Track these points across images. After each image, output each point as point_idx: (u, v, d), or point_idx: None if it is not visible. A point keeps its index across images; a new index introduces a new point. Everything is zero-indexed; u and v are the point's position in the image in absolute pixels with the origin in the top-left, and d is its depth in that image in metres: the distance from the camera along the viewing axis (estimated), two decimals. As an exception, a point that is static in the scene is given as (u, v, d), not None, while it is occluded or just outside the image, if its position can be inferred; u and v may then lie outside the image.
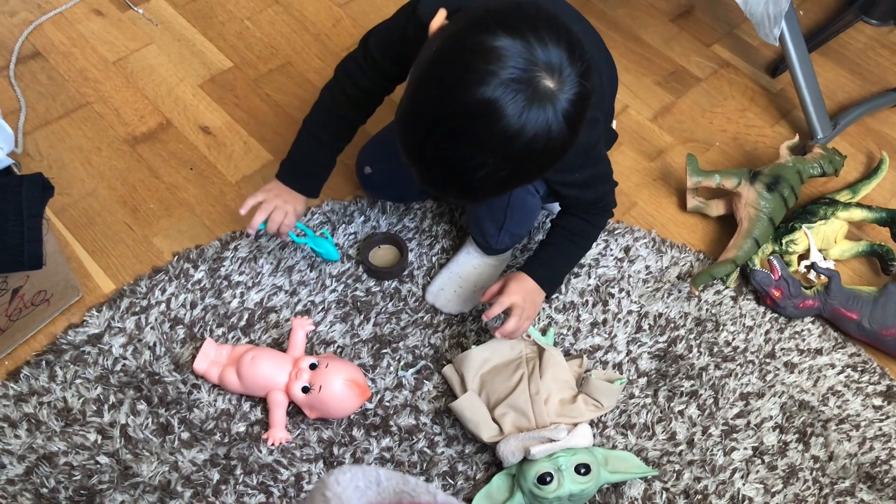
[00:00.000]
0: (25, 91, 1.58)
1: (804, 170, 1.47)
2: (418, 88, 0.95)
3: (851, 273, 1.46)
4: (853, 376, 1.33)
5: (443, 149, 0.93)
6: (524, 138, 0.90)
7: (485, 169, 0.92)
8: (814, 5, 1.89)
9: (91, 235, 1.40)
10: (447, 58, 0.92)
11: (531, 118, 0.89)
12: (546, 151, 0.93)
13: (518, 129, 0.89)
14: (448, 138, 0.92)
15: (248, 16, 1.75)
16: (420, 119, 0.94)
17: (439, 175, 0.97)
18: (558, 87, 0.90)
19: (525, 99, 0.88)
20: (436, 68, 0.93)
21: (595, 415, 1.22)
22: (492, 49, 0.88)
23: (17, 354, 1.26)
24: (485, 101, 0.88)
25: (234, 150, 1.53)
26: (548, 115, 0.90)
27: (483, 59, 0.88)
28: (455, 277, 1.35)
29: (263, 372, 1.20)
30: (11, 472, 1.14)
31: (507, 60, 0.88)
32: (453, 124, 0.91)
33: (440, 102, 0.91)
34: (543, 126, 0.90)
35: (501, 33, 0.88)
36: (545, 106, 0.89)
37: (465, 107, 0.89)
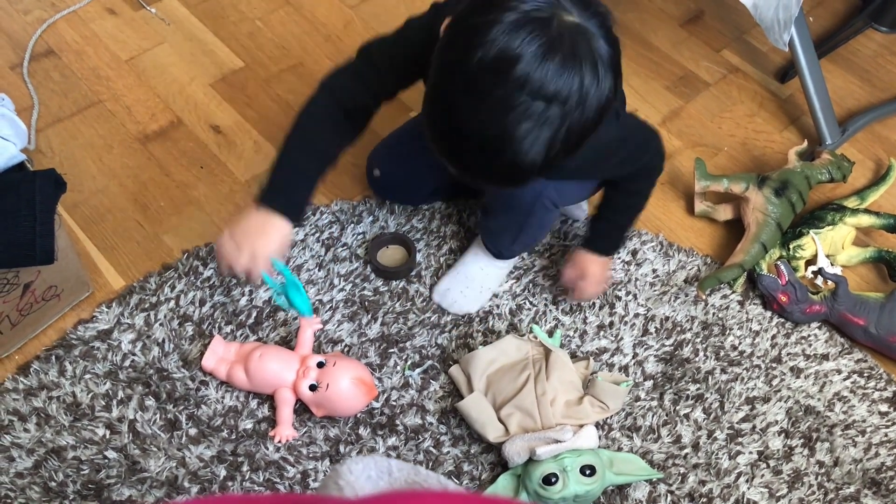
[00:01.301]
0: (38, 88, 1.59)
1: (812, 175, 1.47)
2: (438, 73, 0.91)
3: (858, 279, 1.46)
4: (859, 382, 1.33)
5: (473, 116, 0.88)
6: (556, 82, 0.85)
7: (529, 122, 0.86)
8: (824, 11, 1.90)
9: (102, 232, 1.41)
10: (461, 22, 0.90)
11: (557, 60, 0.85)
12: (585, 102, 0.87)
13: (544, 73, 0.84)
14: (475, 98, 0.87)
15: (260, 16, 1.76)
16: (444, 88, 0.90)
17: (479, 153, 0.90)
18: (581, 19, 0.86)
19: (548, 38, 0.84)
20: (450, 35, 0.91)
21: (601, 417, 1.22)
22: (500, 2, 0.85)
23: (27, 349, 1.27)
24: (501, 46, 0.84)
25: (245, 150, 1.54)
26: (578, 50, 0.85)
27: (496, 5, 0.85)
28: (461, 278, 1.35)
29: (271, 369, 1.21)
30: (20, 465, 1.15)
31: (518, 5, 0.85)
32: (477, 81, 0.86)
33: (462, 59, 0.87)
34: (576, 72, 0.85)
35: None
36: (575, 45, 0.85)
37: (485, 58, 0.85)
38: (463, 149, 0.92)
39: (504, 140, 0.88)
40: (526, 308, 1.37)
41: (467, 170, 0.95)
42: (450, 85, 0.90)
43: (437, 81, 0.93)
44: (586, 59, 0.86)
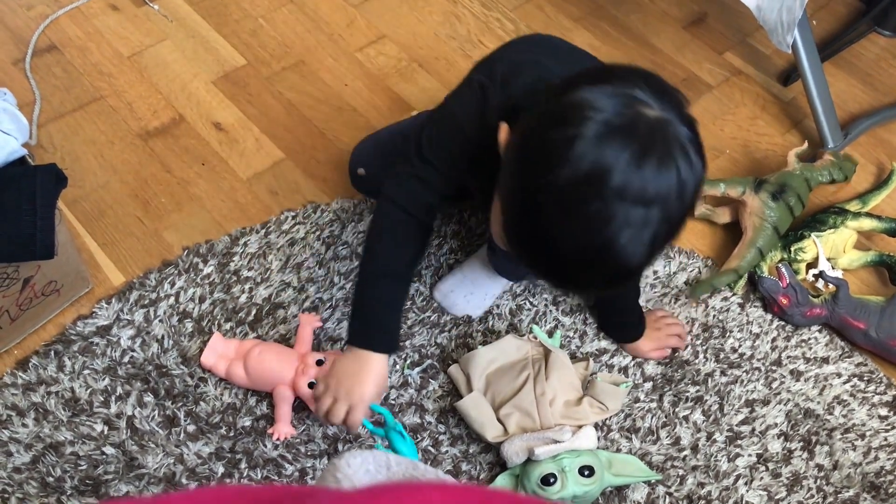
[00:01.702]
0: (40, 83, 1.59)
1: (812, 177, 1.47)
2: (519, 195, 0.87)
3: (859, 283, 1.46)
4: (859, 386, 1.33)
5: (569, 232, 0.84)
6: (654, 185, 0.81)
7: (630, 229, 0.82)
8: (827, 15, 1.89)
9: (102, 228, 1.41)
10: (537, 138, 0.85)
11: (652, 163, 0.81)
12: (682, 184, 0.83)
13: (641, 180, 0.81)
14: (569, 216, 0.83)
15: (263, 14, 1.76)
16: (530, 208, 0.85)
17: (578, 264, 0.87)
18: (661, 113, 0.82)
19: (638, 143, 0.80)
20: (526, 162, 0.85)
21: (600, 417, 1.22)
22: (576, 104, 0.81)
23: (26, 344, 1.27)
24: (592, 161, 0.80)
25: (246, 147, 1.54)
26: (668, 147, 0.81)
27: (572, 117, 0.81)
28: (467, 283, 1.35)
29: (270, 367, 1.21)
30: (18, 460, 1.15)
31: (603, 103, 0.81)
32: (570, 200, 0.82)
33: (548, 179, 0.82)
34: (672, 168, 0.81)
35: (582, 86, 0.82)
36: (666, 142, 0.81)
37: (576, 175, 0.81)
38: (561, 267, 0.89)
39: (605, 252, 0.84)
40: (526, 308, 1.37)
41: (568, 284, 0.93)
42: (536, 206, 0.85)
43: (518, 203, 0.88)
44: (677, 151, 0.83)
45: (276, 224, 1.42)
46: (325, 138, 1.57)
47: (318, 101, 1.63)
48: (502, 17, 1.79)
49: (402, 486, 0.37)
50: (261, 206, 1.46)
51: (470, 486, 0.39)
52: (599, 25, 1.80)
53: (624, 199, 0.81)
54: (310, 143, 1.56)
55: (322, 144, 1.56)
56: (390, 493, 0.35)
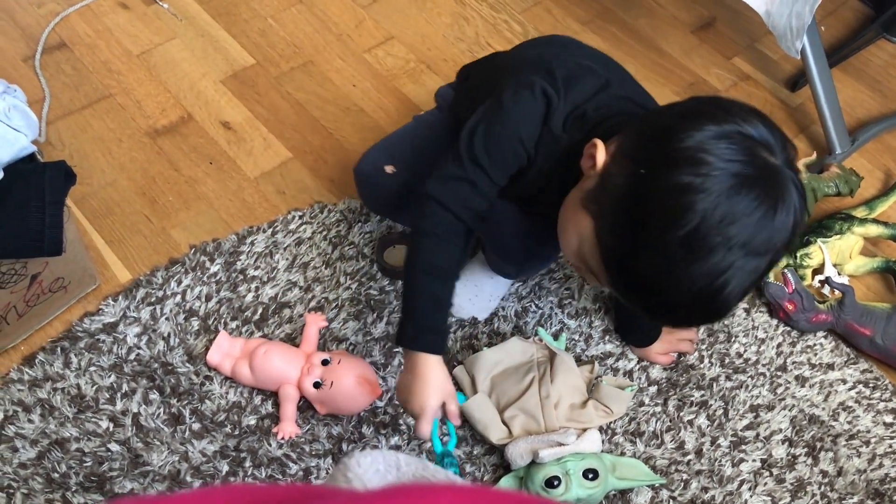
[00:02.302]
0: (50, 81, 1.59)
1: (819, 188, 1.47)
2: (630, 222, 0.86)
3: (865, 289, 1.46)
4: (864, 392, 1.33)
5: (687, 274, 0.84)
6: (776, 238, 0.83)
7: (742, 275, 0.84)
8: (835, 21, 1.89)
9: (109, 225, 1.42)
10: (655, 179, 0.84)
11: (780, 216, 0.83)
12: (795, 228, 0.85)
13: (770, 222, 0.82)
14: (691, 262, 0.83)
15: (272, 14, 1.77)
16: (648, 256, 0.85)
17: (688, 304, 0.88)
18: (781, 159, 0.83)
19: (764, 191, 0.81)
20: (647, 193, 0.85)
21: (605, 421, 1.22)
22: (705, 147, 0.81)
23: (33, 340, 1.27)
24: (724, 212, 0.81)
25: (254, 146, 1.55)
26: (790, 195, 0.83)
27: (701, 162, 0.81)
28: (471, 286, 1.34)
29: (276, 366, 1.21)
30: (24, 455, 1.16)
31: (727, 153, 0.81)
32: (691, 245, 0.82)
33: (669, 227, 0.83)
34: (789, 208, 0.83)
35: (705, 126, 0.82)
36: (784, 185, 0.83)
37: (703, 218, 0.81)
38: (664, 307, 0.90)
39: (712, 298, 0.86)
40: (532, 311, 1.37)
41: (663, 320, 0.96)
42: (655, 250, 0.85)
43: (630, 241, 0.87)
44: (796, 204, 0.84)
45: (283, 223, 1.42)
46: (332, 138, 1.57)
47: (326, 101, 1.63)
48: (510, 20, 1.79)
49: (415, 487, 0.37)
50: (268, 206, 1.46)
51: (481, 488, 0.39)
52: (607, 29, 1.80)
53: (748, 251, 0.83)
54: (317, 144, 1.56)
55: (330, 145, 1.56)
56: (403, 494, 0.35)
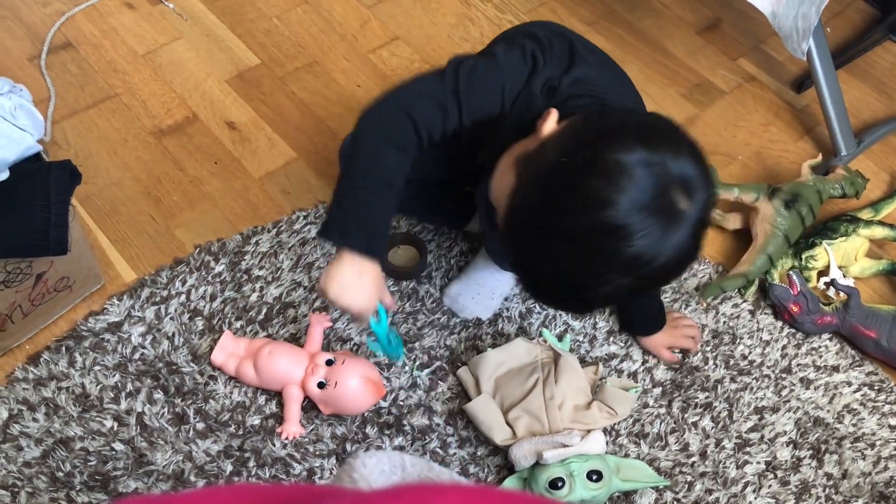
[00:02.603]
0: (56, 80, 1.60)
1: (824, 190, 1.46)
2: (542, 198, 0.90)
3: (871, 291, 1.45)
4: (870, 395, 1.32)
5: (563, 263, 0.89)
6: (658, 262, 0.87)
7: (609, 286, 0.89)
8: (841, 22, 1.89)
9: (114, 225, 1.42)
10: (578, 174, 0.87)
11: (666, 243, 0.86)
12: (678, 268, 0.92)
13: (653, 255, 0.86)
14: (571, 255, 0.88)
15: (277, 14, 1.77)
16: (540, 231, 0.90)
17: (553, 286, 0.94)
18: (691, 203, 0.86)
19: (661, 225, 0.85)
20: (564, 182, 0.88)
21: (609, 422, 1.22)
22: (627, 168, 0.84)
23: (38, 339, 1.27)
24: (618, 225, 0.84)
25: (259, 146, 1.55)
26: (682, 236, 0.86)
27: (618, 179, 0.84)
28: (473, 284, 1.35)
29: (280, 366, 1.21)
30: (28, 454, 1.16)
31: (644, 181, 0.84)
32: (579, 244, 0.87)
33: (566, 219, 0.87)
34: (676, 248, 0.87)
35: (637, 149, 0.85)
36: (680, 227, 0.86)
37: (596, 228, 0.85)
38: (535, 274, 0.95)
39: (581, 291, 0.92)
40: (536, 311, 1.37)
41: (534, 289, 0.99)
42: (554, 225, 0.89)
43: (537, 208, 0.91)
44: (683, 248, 0.88)
45: (288, 223, 1.42)
46: (337, 139, 1.57)
47: (330, 101, 1.63)
48: (515, 20, 1.79)
49: (421, 487, 0.37)
50: (273, 206, 1.46)
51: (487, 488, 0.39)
52: (613, 30, 1.80)
53: (622, 269, 0.88)
54: (322, 144, 1.56)
55: (334, 145, 1.56)
56: (410, 494, 0.35)
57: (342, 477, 0.44)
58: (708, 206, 0.89)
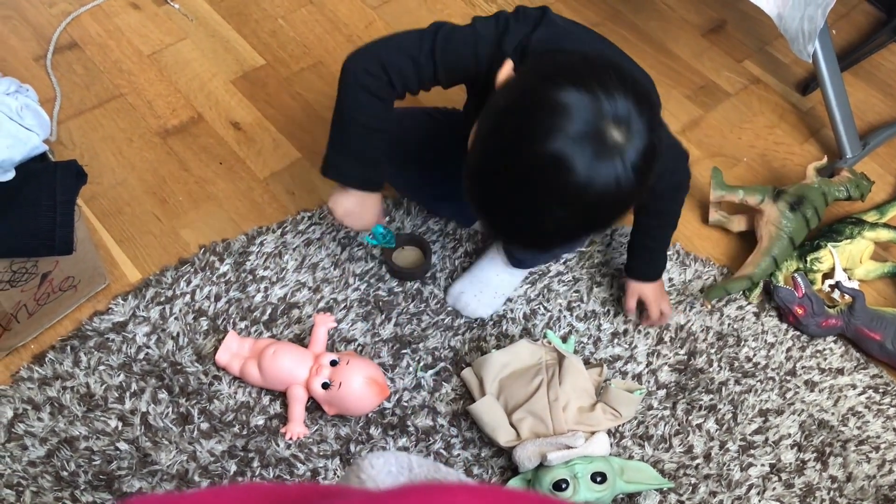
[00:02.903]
0: (61, 80, 1.60)
1: (829, 192, 1.46)
2: (489, 142, 0.96)
3: (876, 294, 1.45)
4: (874, 398, 1.32)
5: (513, 200, 0.94)
6: (593, 191, 0.90)
7: (555, 220, 0.94)
8: (847, 25, 1.89)
9: (119, 225, 1.42)
10: (517, 113, 0.93)
11: (599, 172, 0.89)
12: (615, 203, 0.94)
13: (586, 183, 0.89)
14: (518, 191, 0.93)
15: (283, 14, 1.77)
16: (491, 172, 0.95)
17: (509, 225, 0.98)
18: (626, 140, 0.89)
19: (593, 153, 0.89)
20: (506, 123, 0.94)
21: (613, 424, 1.21)
22: (560, 105, 0.89)
23: (43, 339, 1.27)
24: (553, 155, 0.89)
25: (264, 147, 1.55)
26: (616, 169, 0.90)
27: (552, 115, 0.89)
28: (476, 282, 1.35)
29: (284, 366, 1.21)
30: (33, 453, 1.16)
31: (575, 115, 0.88)
32: (523, 177, 0.92)
33: (510, 156, 0.93)
34: (612, 179, 0.90)
35: (569, 88, 0.89)
36: (613, 159, 0.89)
37: (535, 161, 0.90)
38: (493, 212, 0.99)
39: (533, 224, 0.96)
40: (540, 313, 1.37)
41: (493, 227, 1.02)
42: (499, 164, 0.94)
43: (485, 146, 0.97)
44: (617, 181, 0.91)
45: (293, 224, 1.42)
46: (342, 139, 1.57)
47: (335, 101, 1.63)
48: (521, 22, 1.79)
49: (430, 486, 0.37)
50: (277, 206, 1.46)
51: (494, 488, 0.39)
52: (618, 31, 1.80)
53: (563, 195, 0.92)
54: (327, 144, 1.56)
55: (339, 145, 1.56)
56: (417, 493, 0.35)
57: (350, 477, 0.44)
58: (647, 151, 0.92)
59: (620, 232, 1.47)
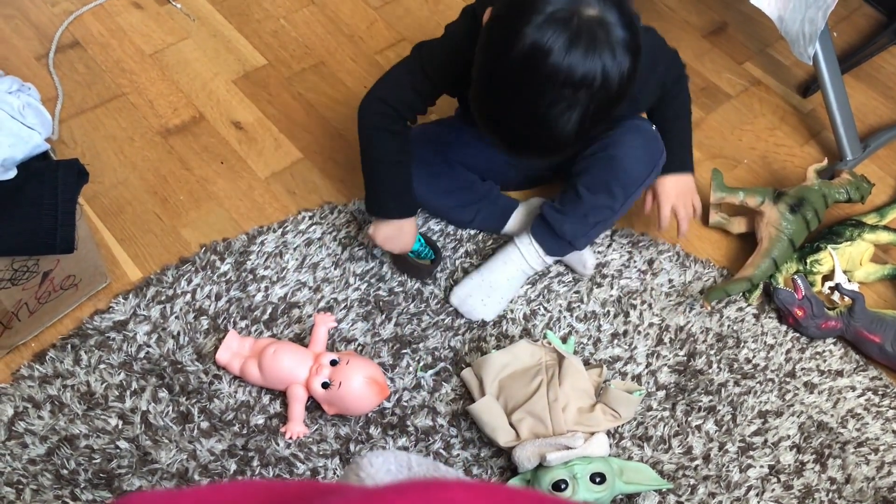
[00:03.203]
0: (63, 79, 1.60)
1: (830, 194, 1.46)
2: (483, 61, 1.06)
3: (875, 296, 1.45)
4: (874, 400, 1.32)
5: (517, 104, 1.03)
6: (581, 70, 0.98)
7: (563, 106, 1.01)
8: (848, 27, 1.89)
9: (120, 223, 1.42)
10: (499, 27, 1.04)
11: (580, 51, 0.98)
12: (607, 82, 1.00)
13: (570, 63, 0.98)
14: (517, 91, 1.02)
15: (284, 14, 1.77)
16: (491, 87, 1.05)
17: (522, 131, 1.06)
18: (601, 12, 0.98)
19: (571, 33, 0.98)
20: (494, 37, 1.04)
21: (612, 425, 1.22)
22: (535, 3, 0.99)
23: (43, 337, 1.28)
24: (532, 42, 0.98)
25: (265, 147, 1.55)
26: (600, 49, 0.98)
27: (528, 10, 0.99)
28: (485, 287, 1.35)
29: (284, 366, 1.21)
30: (33, 451, 1.16)
31: (549, 7, 0.98)
32: (516, 76, 1.01)
33: (501, 61, 1.02)
34: (597, 62, 0.99)
35: None
36: (595, 36, 0.98)
37: (519, 54, 0.99)
38: (507, 129, 1.08)
39: (541, 122, 1.03)
40: (540, 313, 1.37)
41: (513, 146, 1.11)
42: (492, 78, 1.05)
43: (481, 75, 1.07)
44: (604, 46, 1.00)
45: (293, 224, 1.43)
46: (343, 139, 1.57)
47: (337, 102, 1.63)
48: (522, 23, 1.79)
49: (429, 482, 0.37)
50: (278, 206, 1.47)
51: (493, 485, 0.39)
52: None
53: (553, 79, 0.99)
54: (328, 144, 1.57)
55: (340, 145, 1.56)
56: (416, 490, 0.35)
57: (349, 476, 0.45)
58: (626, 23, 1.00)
59: (621, 233, 1.47)
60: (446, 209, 1.42)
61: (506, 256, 1.36)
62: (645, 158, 1.30)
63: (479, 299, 1.34)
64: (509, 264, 1.35)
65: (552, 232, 1.32)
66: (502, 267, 1.35)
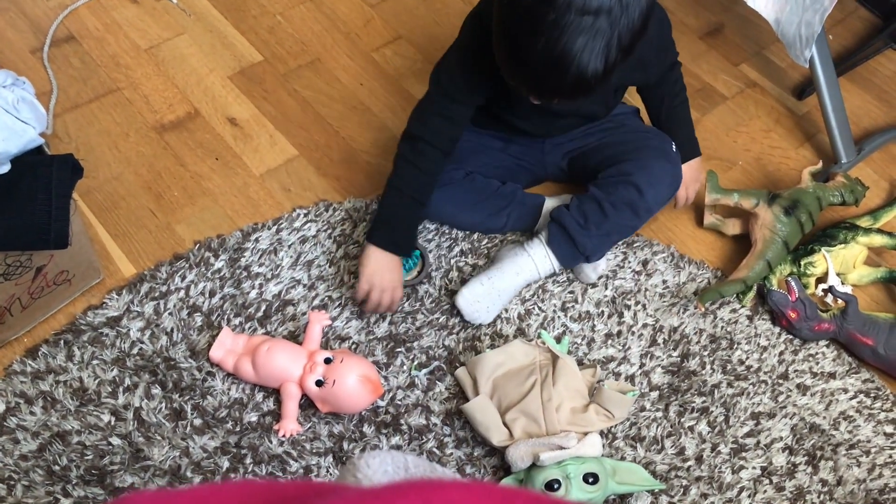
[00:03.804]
0: (58, 73, 1.60)
1: (824, 197, 1.47)
2: (499, 15, 1.06)
3: (869, 299, 1.46)
4: (866, 402, 1.33)
5: (537, 37, 1.01)
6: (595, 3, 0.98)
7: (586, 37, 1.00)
8: (844, 30, 1.89)
9: (114, 219, 1.42)
10: None
11: None
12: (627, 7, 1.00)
13: None
14: (535, 21, 1.01)
15: (281, 11, 1.77)
16: (511, 34, 1.05)
17: (547, 72, 1.04)
18: None
19: None
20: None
21: (606, 425, 1.22)
22: None
23: (36, 332, 1.27)
24: None
25: (260, 143, 1.55)
26: None
27: None
28: (494, 294, 1.33)
29: (278, 363, 1.21)
30: (25, 447, 1.16)
31: None
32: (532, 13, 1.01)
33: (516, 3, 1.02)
34: None
35: None
36: None
37: None
38: (533, 74, 1.07)
39: (565, 57, 1.02)
40: (535, 313, 1.37)
41: (543, 92, 1.10)
42: (510, 22, 1.05)
43: (499, 22, 1.07)
44: None
45: (288, 221, 1.42)
46: (338, 137, 1.57)
47: (333, 99, 1.63)
48: (519, 22, 1.79)
49: (426, 483, 0.37)
50: (273, 203, 1.46)
51: (488, 485, 0.39)
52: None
53: (570, 9, 0.99)
54: (323, 142, 1.56)
55: (336, 143, 1.56)
56: (412, 490, 0.35)
57: (346, 476, 0.45)
58: None
59: (615, 233, 1.47)
60: (478, 222, 1.42)
61: (518, 266, 1.34)
62: (671, 183, 1.36)
63: (484, 306, 1.33)
64: (522, 275, 1.34)
65: (571, 245, 1.33)
66: (514, 277, 1.34)
